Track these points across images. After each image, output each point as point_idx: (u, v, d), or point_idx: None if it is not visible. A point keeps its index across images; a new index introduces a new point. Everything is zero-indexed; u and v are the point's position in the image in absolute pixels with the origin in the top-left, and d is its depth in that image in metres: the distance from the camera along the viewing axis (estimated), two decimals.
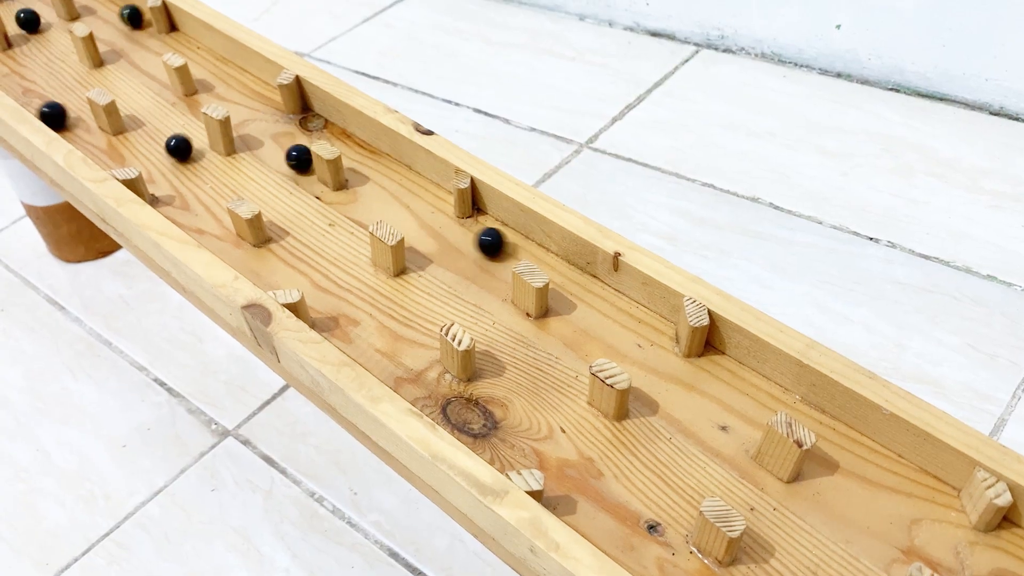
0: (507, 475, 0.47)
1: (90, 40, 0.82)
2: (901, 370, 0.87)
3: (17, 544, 0.80)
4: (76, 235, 1.04)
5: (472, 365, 0.55)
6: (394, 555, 0.77)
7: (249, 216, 0.63)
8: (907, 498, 0.49)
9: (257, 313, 0.55)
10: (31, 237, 1.10)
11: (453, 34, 1.43)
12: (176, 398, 0.91)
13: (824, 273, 0.97)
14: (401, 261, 0.62)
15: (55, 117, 0.74)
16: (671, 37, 1.38)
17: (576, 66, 1.34)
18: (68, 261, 1.07)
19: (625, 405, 0.53)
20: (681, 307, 0.56)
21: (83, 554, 0.79)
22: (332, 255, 0.64)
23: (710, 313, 0.55)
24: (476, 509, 0.47)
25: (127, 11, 0.86)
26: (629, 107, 1.24)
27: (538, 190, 0.64)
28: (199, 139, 0.74)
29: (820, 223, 1.04)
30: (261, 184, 0.70)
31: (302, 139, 0.74)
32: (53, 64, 0.84)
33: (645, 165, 1.14)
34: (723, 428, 0.53)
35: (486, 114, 1.25)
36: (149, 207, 0.63)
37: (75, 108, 0.78)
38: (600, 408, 0.53)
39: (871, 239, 1.01)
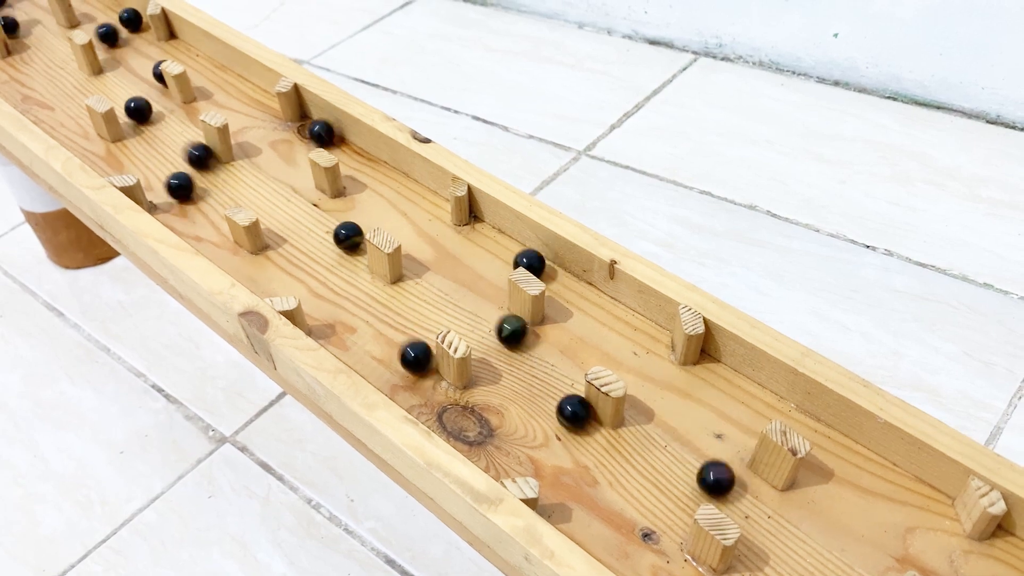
0: (502, 483, 0.47)
1: (89, 48, 0.82)
2: (898, 378, 0.87)
3: (14, 549, 0.80)
4: (75, 241, 1.04)
5: (468, 373, 0.55)
6: (390, 562, 0.77)
7: (247, 223, 0.64)
8: (902, 506, 0.49)
9: (254, 320, 0.56)
10: (30, 243, 1.10)
11: (453, 42, 1.44)
12: (174, 404, 0.91)
13: (821, 281, 0.98)
14: (398, 269, 0.63)
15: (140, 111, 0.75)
16: (669, 45, 1.39)
17: (575, 74, 1.34)
18: (67, 267, 1.07)
19: (621, 413, 0.53)
20: (677, 315, 0.56)
21: (80, 560, 0.79)
22: (329, 262, 0.65)
23: (706, 321, 0.55)
24: (471, 517, 0.47)
25: (125, 14, 0.87)
26: (627, 115, 1.25)
27: (535, 198, 0.65)
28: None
29: (817, 231, 1.04)
30: (259, 191, 0.71)
31: (300, 147, 0.75)
32: (52, 71, 0.84)
33: (643, 173, 1.14)
34: (718, 436, 0.53)
35: (485, 121, 1.26)
36: (147, 214, 0.63)
37: (73, 115, 0.79)
38: (596, 416, 0.54)
39: (868, 247, 1.01)
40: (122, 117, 0.77)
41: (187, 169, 0.72)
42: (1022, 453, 0.79)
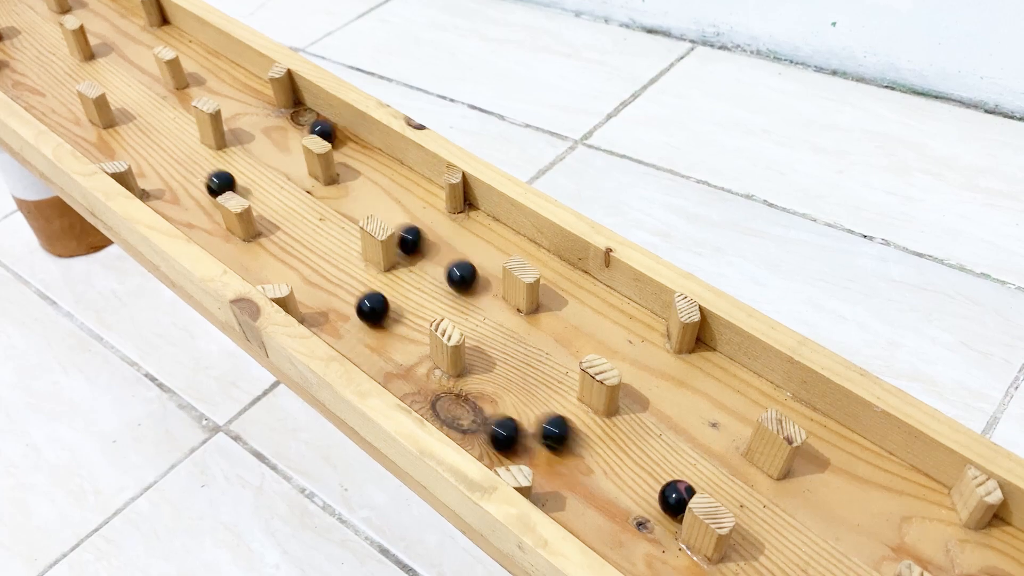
0: (496, 471, 0.47)
1: (81, 33, 0.81)
2: (894, 368, 0.87)
3: (5, 539, 0.80)
4: (68, 229, 1.03)
5: (462, 361, 0.55)
6: (384, 551, 0.77)
7: (239, 210, 0.63)
8: (898, 496, 0.49)
9: (246, 307, 0.55)
10: (23, 231, 1.10)
11: (449, 30, 1.43)
12: (167, 393, 0.91)
13: (818, 271, 0.97)
14: (392, 256, 0.62)
15: None
16: (667, 34, 1.38)
17: (572, 63, 1.33)
18: (60, 256, 1.07)
19: (615, 401, 0.53)
20: (672, 303, 0.56)
21: (72, 550, 0.79)
22: (322, 250, 0.64)
23: (701, 309, 0.55)
24: (464, 505, 0.46)
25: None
26: (624, 104, 1.24)
27: (530, 185, 0.64)
28: (192, 133, 0.74)
29: (814, 220, 1.03)
30: (251, 178, 0.70)
31: (293, 134, 0.74)
32: (43, 57, 0.83)
33: (640, 162, 1.14)
34: (713, 425, 0.53)
35: (481, 110, 1.25)
36: (138, 201, 0.63)
37: (64, 101, 0.78)
38: (590, 404, 0.53)
39: (865, 237, 1.01)
40: None
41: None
42: (1019, 443, 0.79)
